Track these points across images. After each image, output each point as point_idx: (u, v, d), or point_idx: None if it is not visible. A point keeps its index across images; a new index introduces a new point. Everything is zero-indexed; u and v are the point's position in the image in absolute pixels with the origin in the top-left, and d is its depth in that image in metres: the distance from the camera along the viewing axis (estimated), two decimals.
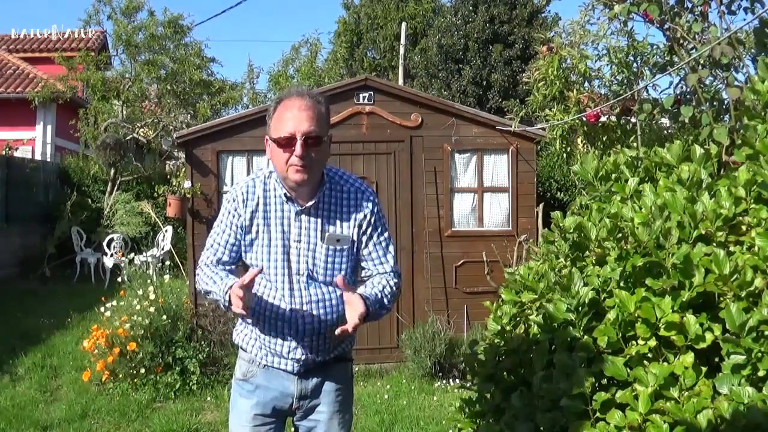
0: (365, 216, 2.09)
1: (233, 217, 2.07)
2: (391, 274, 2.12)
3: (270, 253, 2.04)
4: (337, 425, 2.15)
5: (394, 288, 2.09)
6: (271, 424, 2.14)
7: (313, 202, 2.04)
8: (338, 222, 2.06)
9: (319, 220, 2.05)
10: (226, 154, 6.06)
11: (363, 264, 2.13)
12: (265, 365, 2.11)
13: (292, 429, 2.26)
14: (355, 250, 2.09)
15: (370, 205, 2.10)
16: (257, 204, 2.06)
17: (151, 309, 5.33)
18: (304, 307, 2.02)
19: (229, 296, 1.93)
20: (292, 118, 1.94)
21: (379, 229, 2.12)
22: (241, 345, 2.18)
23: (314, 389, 2.12)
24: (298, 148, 1.93)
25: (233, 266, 2.11)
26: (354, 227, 2.07)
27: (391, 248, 2.15)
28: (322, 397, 2.13)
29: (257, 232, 2.05)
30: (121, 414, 4.69)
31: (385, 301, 2.04)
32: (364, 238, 2.09)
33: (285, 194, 2.04)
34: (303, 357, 2.06)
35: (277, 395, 2.11)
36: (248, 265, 2.09)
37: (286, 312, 2.03)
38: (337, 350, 2.15)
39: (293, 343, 2.05)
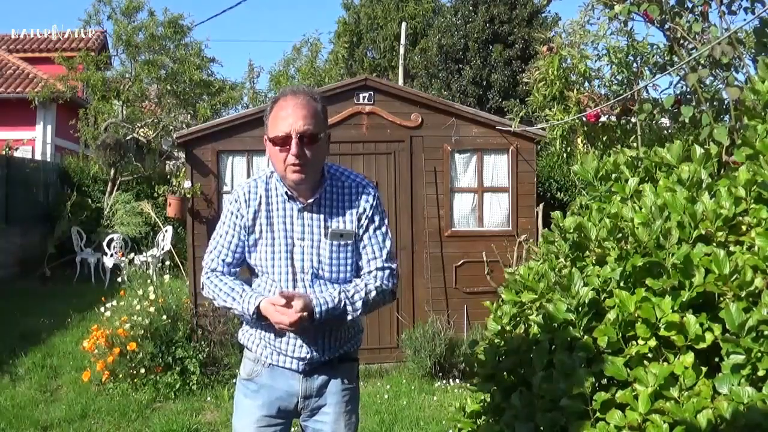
0: (364, 210, 2.09)
1: (236, 217, 2.07)
2: (384, 270, 2.08)
3: (274, 252, 2.04)
4: (344, 427, 2.14)
5: (374, 291, 2.04)
6: (276, 424, 2.13)
7: (315, 198, 2.04)
8: (341, 217, 2.07)
9: (322, 217, 2.05)
10: (226, 154, 6.06)
11: (359, 260, 2.11)
12: (270, 364, 2.11)
13: (298, 428, 2.26)
14: (357, 245, 2.09)
15: (369, 198, 2.10)
16: (259, 204, 2.06)
17: (151, 309, 5.33)
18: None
19: (256, 310, 1.97)
20: (287, 117, 1.95)
21: (377, 223, 2.10)
22: (247, 344, 2.18)
23: (319, 389, 2.11)
24: (293, 147, 1.93)
25: (237, 268, 2.10)
26: (355, 221, 2.08)
27: (388, 243, 2.12)
28: (327, 397, 2.12)
29: (260, 232, 2.06)
30: (121, 414, 4.69)
31: (349, 307, 2.00)
32: (361, 231, 2.08)
33: (286, 193, 2.04)
34: (308, 356, 2.06)
35: (282, 395, 2.11)
36: (252, 266, 2.09)
37: None
38: (343, 349, 2.14)
39: (298, 342, 2.05)
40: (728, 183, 1.95)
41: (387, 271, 2.09)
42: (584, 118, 3.98)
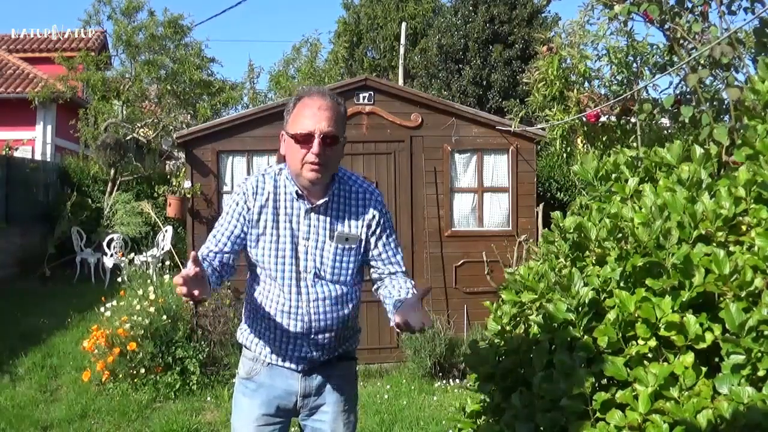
0: (374, 217, 2.10)
1: (241, 209, 2.06)
2: (404, 274, 2.15)
3: (278, 249, 2.04)
4: (342, 426, 2.15)
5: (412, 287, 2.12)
6: (275, 424, 2.13)
7: (324, 200, 2.04)
8: (347, 221, 2.07)
9: (329, 219, 2.06)
10: (226, 154, 6.06)
11: (373, 263, 2.13)
12: (269, 363, 2.11)
13: (297, 428, 2.26)
14: (362, 250, 2.10)
15: (378, 206, 2.12)
16: (266, 199, 2.06)
17: (151, 309, 5.33)
18: (310, 305, 2.02)
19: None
20: (312, 116, 1.96)
21: (388, 231, 2.14)
22: (245, 344, 2.18)
23: (318, 388, 2.12)
24: (315, 147, 1.94)
25: (231, 255, 2.05)
26: (362, 227, 2.08)
27: (400, 249, 2.18)
28: (326, 396, 2.13)
29: (264, 228, 2.05)
30: (121, 414, 4.69)
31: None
32: (373, 239, 2.10)
33: (296, 191, 2.04)
34: (307, 355, 2.06)
35: (281, 394, 2.11)
36: (254, 261, 2.09)
37: (291, 309, 2.03)
38: (342, 349, 2.15)
39: (298, 341, 2.05)
40: (728, 183, 1.95)
41: (405, 274, 2.16)
42: (584, 118, 3.98)
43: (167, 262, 9.05)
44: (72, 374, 5.63)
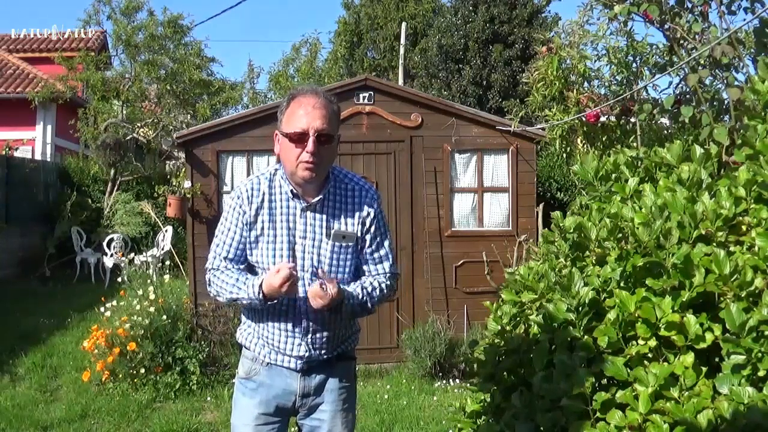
0: (368, 215, 2.11)
1: (238, 214, 2.07)
2: (388, 275, 2.15)
3: (275, 249, 2.05)
4: (341, 424, 2.15)
5: (385, 290, 2.12)
6: (274, 423, 2.14)
7: (319, 198, 2.05)
8: (343, 219, 2.08)
9: (325, 217, 2.07)
10: (226, 154, 6.06)
11: (363, 264, 2.14)
12: (268, 363, 2.12)
13: (295, 428, 2.26)
14: (359, 247, 2.11)
15: (375, 204, 2.13)
16: (262, 201, 2.07)
17: (151, 309, 5.33)
18: (308, 304, 2.02)
19: (261, 287, 1.94)
20: (306, 115, 1.97)
21: (382, 229, 2.15)
22: (245, 344, 2.19)
23: (317, 387, 2.13)
24: (310, 145, 1.95)
25: (241, 265, 2.10)
26: (358, 224, 2.09)
27: (392, 249, 2.18)
28: (325, 395, 2.14)
29: (262, 228, 2.06)
30: (121, 414, 4.69)
31: (369, 303, 2.06)
32: (368, 237, 2.11)
33: (291, 191, 2.06)
34: (306, 354, 2.07)
35: (280, 393, 2.12)
36: (252, 262, 2.09)
37: (290, 308, 2.04)
38: (341, 348, 2.16)
39: (297, 340, 2.06)
40: (728, 183, 1.95)
41: (391, 276, 2.16)
42: (584, 118, 3.97)
43: (167, 262, 9.06)
44: (72, 374, 5.63)
